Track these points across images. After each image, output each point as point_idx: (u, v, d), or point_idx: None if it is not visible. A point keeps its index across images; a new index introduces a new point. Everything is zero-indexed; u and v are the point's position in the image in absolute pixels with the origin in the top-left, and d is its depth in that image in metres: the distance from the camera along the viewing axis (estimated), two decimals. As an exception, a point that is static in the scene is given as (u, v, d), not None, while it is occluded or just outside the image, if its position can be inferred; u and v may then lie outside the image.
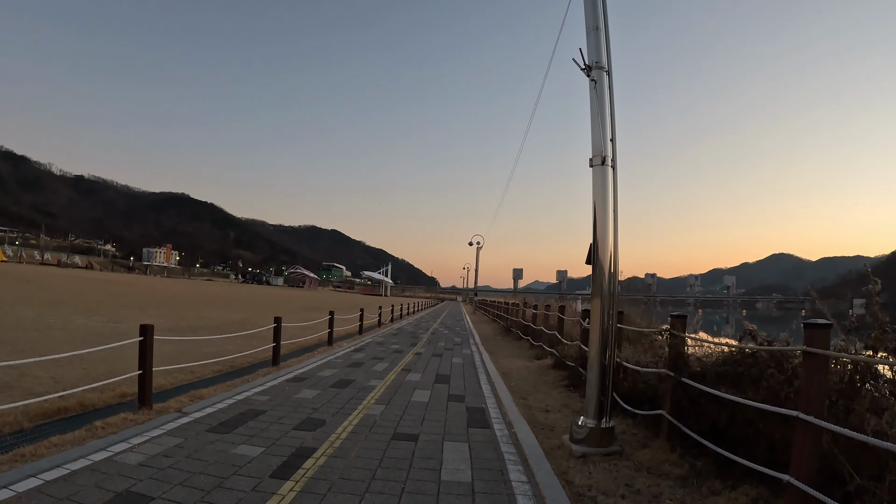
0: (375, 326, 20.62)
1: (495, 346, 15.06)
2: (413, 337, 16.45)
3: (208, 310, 24.66)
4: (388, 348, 12.69)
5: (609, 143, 5.53)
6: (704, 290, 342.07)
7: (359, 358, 10.52)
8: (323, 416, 5.58)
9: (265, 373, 8.39)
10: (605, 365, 5.21)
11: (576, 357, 8.90)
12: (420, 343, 14.53)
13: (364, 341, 14.44)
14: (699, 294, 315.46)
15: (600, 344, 5.20)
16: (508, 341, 16.39)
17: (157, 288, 45.75)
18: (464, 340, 16.12)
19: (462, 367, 10.03)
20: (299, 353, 11.26)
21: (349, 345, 13.17)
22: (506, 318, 20.80)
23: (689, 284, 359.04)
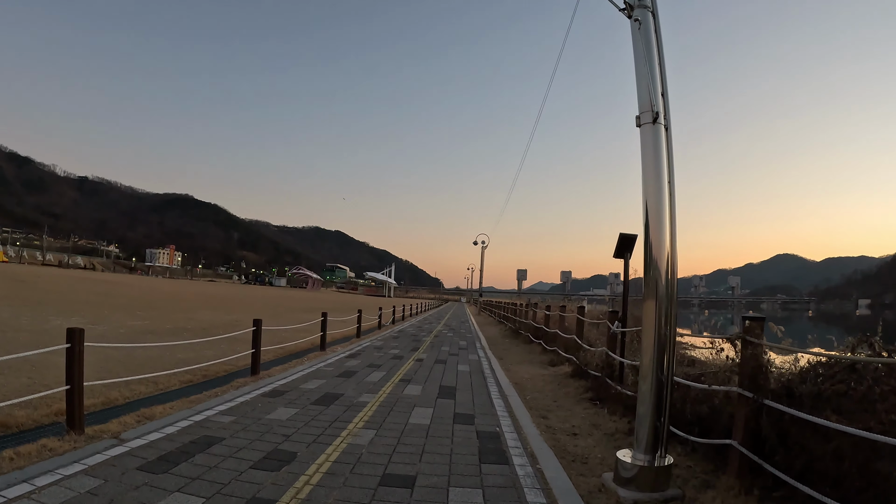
0: (375, 329, 19.42)
1: (504, 350, 13.82)
2: (415, 340, 15.24)
3: (201, 311, 23.53)
4: (387, 353, 11.47)
5: (660, 97, 4.32)
6: (709, 291, 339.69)
7: (352, 366, 9.30)
8: (294, 447, 4.37)
9: (240, 384, 7.19)
10: (661, 380, 3.99)
11: (601, 365, 7.66)
12: (422, 347, 13.31)
13: (361, 345, 13.23)
14: (703, 295, 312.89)
15: (656, 355, 3.98)
16: (518, 345, 15.15)
17: (155, 288, 44.71)
18: (469, 344, 14.90)
19: (469, 376, 8.80)
20: (287, 360, 10.07)
21: (344, 350, 11.97)
22: (514, 319, 19.55)
23: (694, 285, 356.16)
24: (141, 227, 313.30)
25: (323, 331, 11.59)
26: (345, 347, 12.49)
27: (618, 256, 7.29)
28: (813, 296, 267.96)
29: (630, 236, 7.19)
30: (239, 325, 17.60)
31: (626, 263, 7.22)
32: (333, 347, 12.30)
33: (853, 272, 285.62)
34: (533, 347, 13.95)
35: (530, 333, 14.99)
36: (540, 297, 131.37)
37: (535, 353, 13.00)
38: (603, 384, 7.32)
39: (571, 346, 11.04)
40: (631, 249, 7.23)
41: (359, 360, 10.15)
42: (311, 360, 9.81)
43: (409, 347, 13.11)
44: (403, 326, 21.91)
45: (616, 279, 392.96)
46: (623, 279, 7.28)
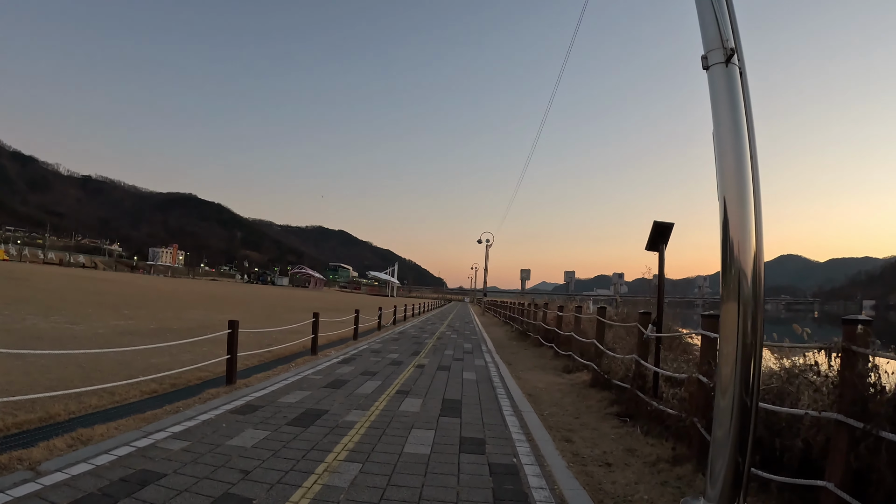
0: (374, 330, 18.41)
1: (512, 354, 12.77)
2: (416, 343, 14.21)
3: (193, 310, 22.55)
4: (385, 358, 10.43)
5: (730, 31, 3.28)
6: (713, 291, 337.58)
7: (344, 373, 8.27)
8: (251, 491, 3.33)
9: (210, 396, 6.17)
10: (744, 403, 2.92)
11: (631, 376, 6.61)
12: (424, 351, 12.28)
13: (357, 348, 12.22)
14: (707, 295, 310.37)
15: (739, 369, 2.91)
16: (527, 349, 14.10)
17: (152, 287, 43.82)
18: (475, 347, 13.86)
19: (476, 385, 7.75)
20: (272, 365, 9.06)
21: (338, 354, 10.94)
22: (521, 320, 18.49)
23: (698, 285, 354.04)
24: (144, 226, 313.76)
25: (314, 333, 10.56)
26: (339, 351, 11.47)
27: (651, 248, 6.24)
28: (817, 297, 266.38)
29: (666, 225, 6.14)
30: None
31: (662, 256, 6.17)
32: (326, 351, 11.28)
33: (857, 273, 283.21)
34: (544, 351, 12.90)
35: (540, 336, 13.94)
36: (545, 297, 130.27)
37: (547, 357, 11.95)
38: (632, 398, 6.27)
39: (589, 352, 9.99)
40: (667, 240, 6.18)
41: (352, 366, 9.11)
42: (299, 367, 8.79)
43: (410, 351, 12.07)
44: (405, 328, 20.88)
45: (620, 279, 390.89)
46: (658, 275, 6.23)
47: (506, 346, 14.90)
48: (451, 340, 15.47)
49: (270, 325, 15.40)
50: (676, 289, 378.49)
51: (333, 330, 15.66)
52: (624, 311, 13.80)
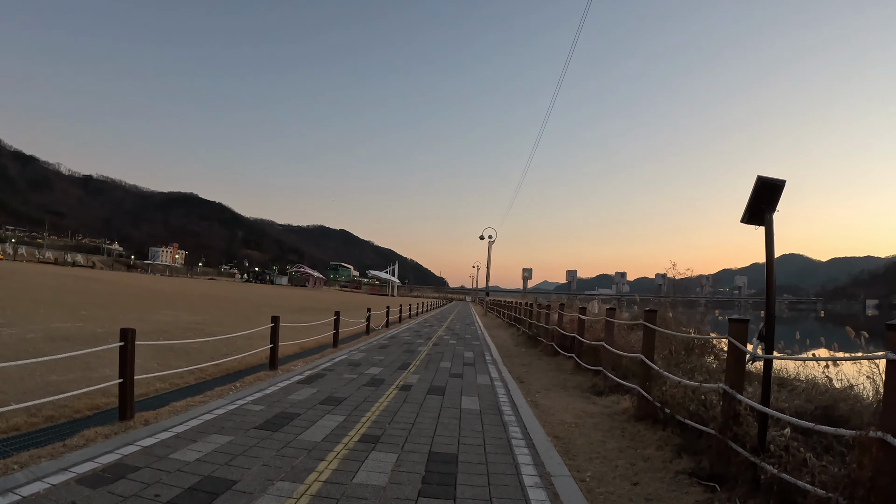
0: (362, 335, 16.23)
1: (524, 367, 10.52)
2: (407, 352, 12.01)
3: (166, 311, 20.38)
4: (362, 375, 8.22)
5: None
6: (714, 291, 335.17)
7: (298, 401, 6.06)
8: None
9: (81, 443, 3.99)
10: None
11: (713, 414, 4.38)
12: (414, 363, 10.08)
13: (333, 359, 10.04)
14: (709, 295, 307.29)
15: None
16: (540, 358, 11.85)
17: (138, 286, 41.69)
18: (477, 356, 11.65)
19: (479, 419, 5.52)
20: (212, 385, 6.90)
21: (304, 367, 8.75)
22: (528, 322, 16.23)
23: (701, 285, 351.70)
24: (145, 225, 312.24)
25: (273, 342, 8.34)
26: (308, 364, 9.28)
27: (752, 220, 4.02)
28: (820, 296, 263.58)
29: (775, 183, 3.93)
30: (198, 329, 14.52)
31: (769, 229, 3.96)
32: (291, 364, 9.08)
33: (860, 272, 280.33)
34: (561, 362, 10.67)
35: (555, 343, 11.70)
36: (553, 296, 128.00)
37: (566, 371, 9.72)
38: (721, 450, 4.05)
39: (623, 367, 7.76)
40: (775, 204, 3.96)
41: (315, 387, 6.89)
42: (242, 389, 6.60)
43: (397, 364, 9.87)
44: (398, 330, 18.68)
45: (622, 278, 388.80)
46: (766, 258, 3.99)
47: (514, 354, 12.66)
48: (450, 348, 13.26)
49: (250, 326, 13.29)
50: (677, 288, 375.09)
51: (313, 335, 13.51)
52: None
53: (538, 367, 10.34)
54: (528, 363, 10.96)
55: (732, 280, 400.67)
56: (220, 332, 13.81)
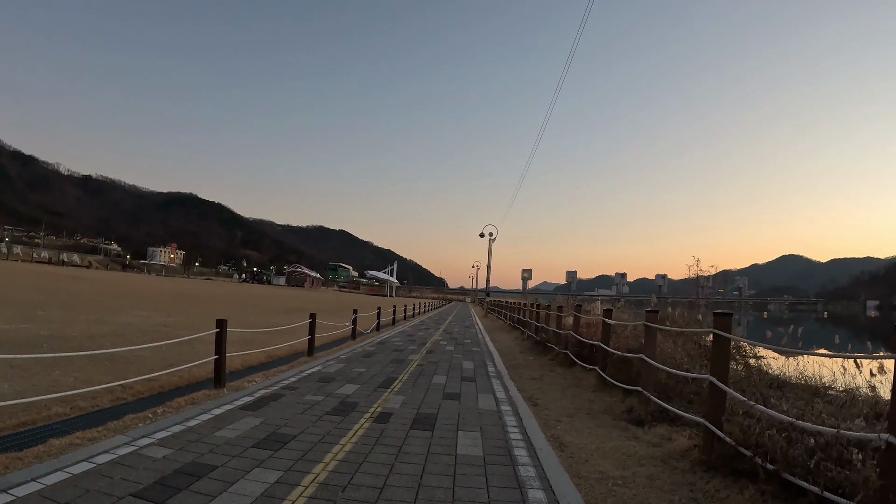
0: (347, 339, 14.51)
1: (535, 382, 8.75)
2: (396, 361, 10.28)
3: (141, 311, 18.63)
4: (331, 396, 6.46)
5: None
6: (713, 292, 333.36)
7: (227, 440, 4.30)
8: None
9: None
10: None
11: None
12: (401, 377, 8.36)
13: (303, 372, 8.32)
14: (709, 295, 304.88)
15: None
16: (552, 369, 10.06)
17: (122, 286, 39.94)
18: (478, 367, 9.91)
19: (483, 475, 3.75)
20: (129, 409, 5.14)
21: (264, 382, 7.01)
22: (534, 325, 14.43)
23: (701, 286, 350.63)
24: (144, 225, 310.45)
25: (218, 352, 6.56)
26: (269, 378, 7.52)
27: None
28: (820, 297, 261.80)
29: None
30: (163, 332, 12.78)
31: None
32: (248, 379, 7.34)
33: (861, 273, 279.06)
34: (578, 375, 8.90)
35: (570, 351, 9.92)
36: (558, 296, 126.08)
37: (587, 387, 7.96)
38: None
39: (671, 387, 6.01)
40: None
41: (259, 416, 5.12)
42: (162, 418, 4.86)
43: (379, 379, 8.14)
44: (390, 334, 16.93)
45: (622, 279, 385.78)
46: None
47: (521, 364, 10.88)
48: (446, 355, 11.50)
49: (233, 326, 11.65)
50: (676, 289, 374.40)
51: (289, 339, 11.82)
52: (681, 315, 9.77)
53: (552, 382, 8.57)
54: (538, 376, 9.19)
55: (732, 281, 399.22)
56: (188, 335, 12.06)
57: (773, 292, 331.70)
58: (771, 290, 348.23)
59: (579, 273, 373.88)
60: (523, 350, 13.39)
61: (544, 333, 12.98)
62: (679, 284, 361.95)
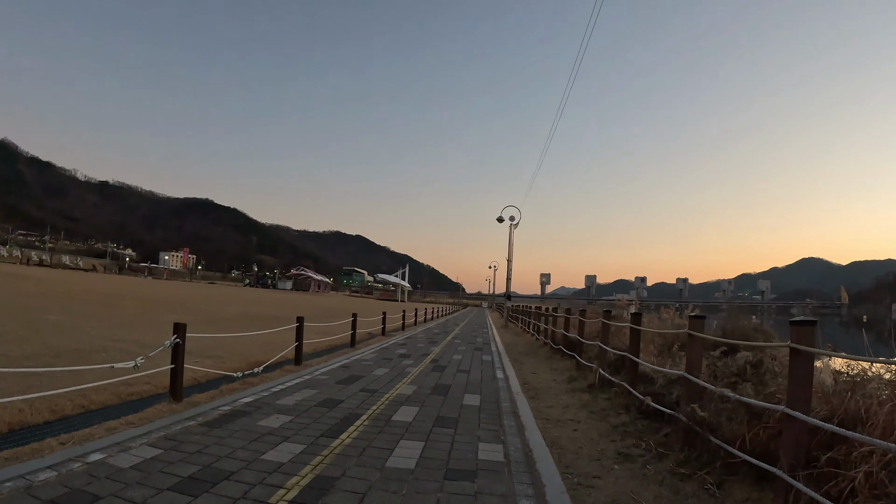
0: (321, 354, 8.33)
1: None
2: (341, 420, 3.90)
3: (82, 320, 12.70)
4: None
5: None
6: (733, 296, 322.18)
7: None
8: None
9: None
10: None
11: None
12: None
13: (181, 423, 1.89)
14: (730, 299, 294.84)
15: None
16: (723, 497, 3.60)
17: (90, 289, 34.44)
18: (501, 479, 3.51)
19: None
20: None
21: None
22: (610, 355, 8.05)
23: (723, 289, 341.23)
24: (160, 230, 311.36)
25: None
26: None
27: None
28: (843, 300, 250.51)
29: None
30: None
31: None
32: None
33: (885, 275, 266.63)
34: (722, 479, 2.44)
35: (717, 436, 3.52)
36: (562, 302, 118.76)
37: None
38: None
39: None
40: None
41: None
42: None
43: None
44: (369, 351, 10.71)
45: (642, 283, 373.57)
46: None
47: (610, 464, 4.53)
48: (432, 409, 5.20)
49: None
50: (697, 293, 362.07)
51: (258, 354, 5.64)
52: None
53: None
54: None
55: (752, 284, 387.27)
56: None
57: (794, 296, 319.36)
58: (792, 294, 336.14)
59: (597, 277, 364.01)
60: (597, 412, 7.01)
61: (649, 381, 6.52)
62: (698, 288, 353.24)
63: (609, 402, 6.74)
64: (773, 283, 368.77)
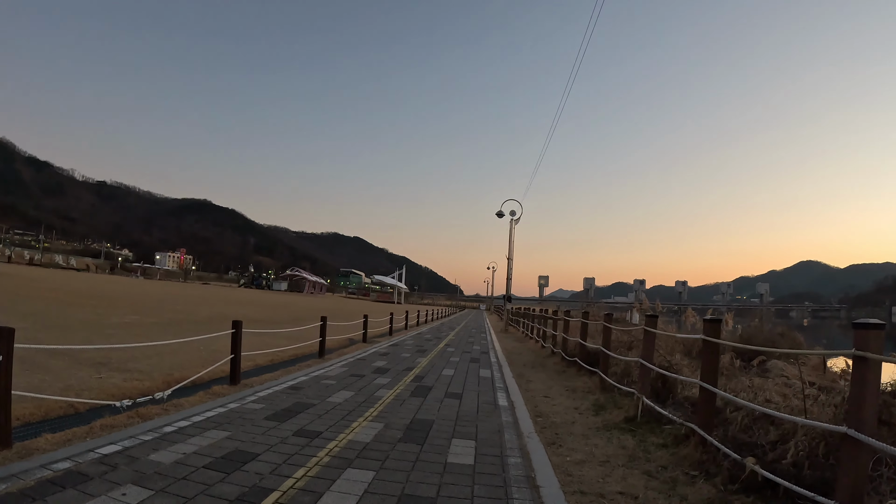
0: (274, 369, 6.05)
1: None
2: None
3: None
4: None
5: None
6: (731, 299, 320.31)
7: None
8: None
9: None
10: None
11: None
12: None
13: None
14: (728, 302, 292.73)
15: None
16: None
17: (56, 287, 32.18)
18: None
19: None
20: None
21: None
22: (654, 373, 5.82)
23: (722, 292, 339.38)
24: (157, 231, 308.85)
25: None
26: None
27: None
28: (843, 303, 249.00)
29: None
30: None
31: None
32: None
33: (885, 278, 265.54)
34: None
35: None
36: (560, 305, 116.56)
37: None
38: None
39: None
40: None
41: None
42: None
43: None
44: (333, 365, 8.42)
45: (641, 285, 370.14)
46: None
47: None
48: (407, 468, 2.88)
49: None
50: (695, 295, 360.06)
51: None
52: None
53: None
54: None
55: (750, 287, 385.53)
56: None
57: (793, 299, 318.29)
58: (790, 297, 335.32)
59: (595, 280, 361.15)
60: (645, 459, 4.81)
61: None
62: (696, 291, 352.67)
63: (669, 454, 4.47)
64: (771, 286, 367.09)
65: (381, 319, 20.03)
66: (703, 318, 5.05)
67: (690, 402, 6.23)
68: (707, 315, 8.44)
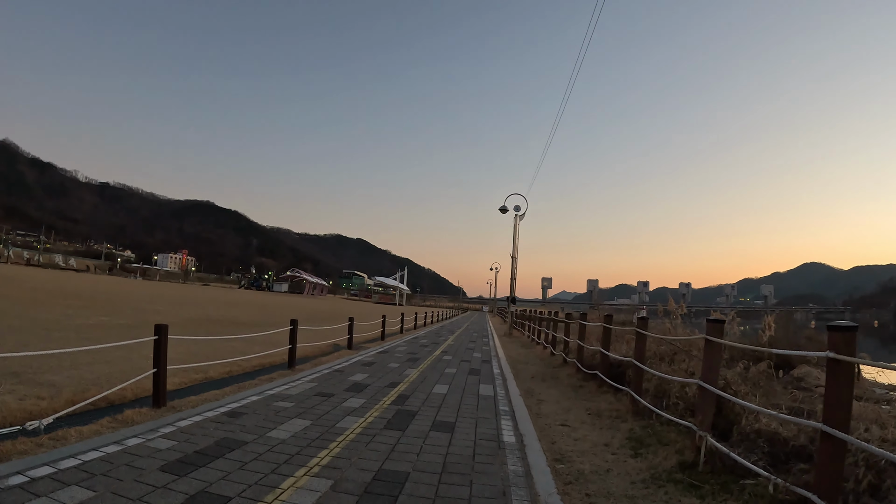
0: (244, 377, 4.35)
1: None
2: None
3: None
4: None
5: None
6: (735, 301, 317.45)
7: None
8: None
9: None
10: None
11: None
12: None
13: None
14: (732, 304, 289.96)
15: None
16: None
17: (45, 288, 30.77)
18: None
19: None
20: None
21: None
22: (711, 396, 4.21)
23: (725, 294, 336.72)
24: (160, 232, 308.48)
25: None
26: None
27: None
28: (847, 304, 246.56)
29: None
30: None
31: None
32: None
33: (889, 279, 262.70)
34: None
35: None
36: (564, 306, 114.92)
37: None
38: None
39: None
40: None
41: None
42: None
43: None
44: (301, 379, 6.77)
45: (644, 287, 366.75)
46: None
47: None
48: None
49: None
50: (698, 297, 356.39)
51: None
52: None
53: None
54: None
55: (754, 289, 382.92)
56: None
57: (796, 300, 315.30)
58: (793, 299, 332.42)
59: (598, 282, 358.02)
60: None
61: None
62: (700, 293, 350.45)
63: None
64: (775, 288, 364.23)
65: (373, 322, 18.39)
66: (826, 327, 3.34)
67: (766, 440, 4.56)
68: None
